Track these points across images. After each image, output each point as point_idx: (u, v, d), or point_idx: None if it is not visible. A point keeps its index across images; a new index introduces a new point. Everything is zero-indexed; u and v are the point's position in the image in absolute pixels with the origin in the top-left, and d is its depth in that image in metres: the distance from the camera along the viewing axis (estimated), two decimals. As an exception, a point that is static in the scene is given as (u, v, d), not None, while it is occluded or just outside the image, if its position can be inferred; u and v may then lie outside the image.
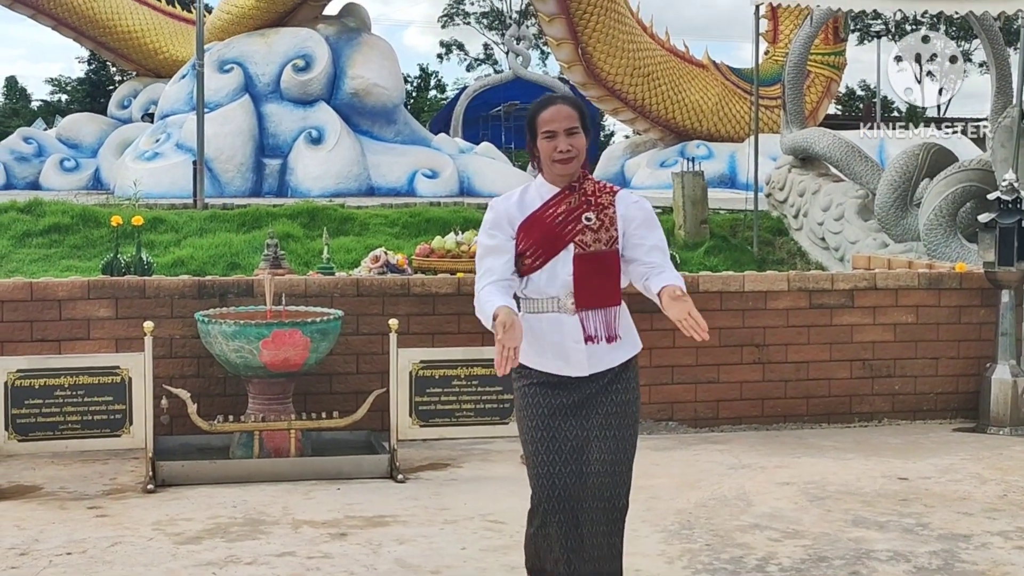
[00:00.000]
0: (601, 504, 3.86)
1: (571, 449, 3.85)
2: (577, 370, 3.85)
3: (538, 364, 3.87)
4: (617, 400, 3.91)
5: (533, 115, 3.90)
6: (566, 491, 3.84)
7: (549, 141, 3.84)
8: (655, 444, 7.62)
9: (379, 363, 7.23)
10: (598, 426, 3.87)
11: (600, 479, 3.86)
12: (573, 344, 3.83)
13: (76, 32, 31.11)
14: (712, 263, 14.13)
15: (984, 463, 7.18)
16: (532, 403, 3.88)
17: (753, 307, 8.19)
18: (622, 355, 3.94)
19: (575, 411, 3.86)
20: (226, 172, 22.77)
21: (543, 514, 3.86)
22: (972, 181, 11.67)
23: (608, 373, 3.89)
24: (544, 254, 3.83)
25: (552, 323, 3.84)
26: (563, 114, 3.85)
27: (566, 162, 3.85)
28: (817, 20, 15.95)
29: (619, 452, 3.90)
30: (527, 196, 3.93)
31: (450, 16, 63.90)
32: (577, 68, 26.90)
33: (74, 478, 6.59)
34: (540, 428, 3.86)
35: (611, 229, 3.89)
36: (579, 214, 3.86)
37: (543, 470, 3.85)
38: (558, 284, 3.83)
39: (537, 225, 3.85)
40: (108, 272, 7.92)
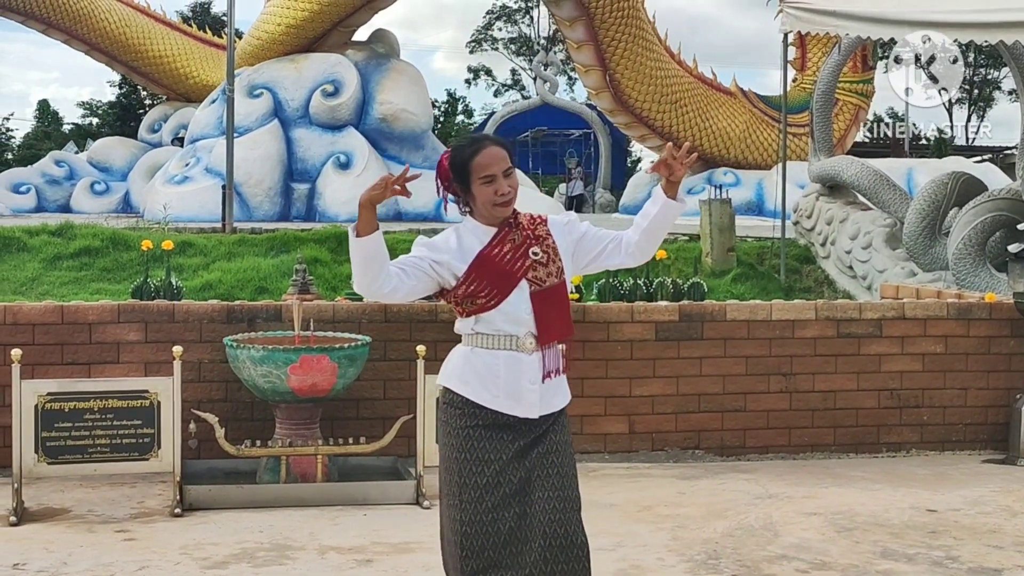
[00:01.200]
0: (557, 542, 3.70)
1: (514, 492, 3.73)
2: (528, 411, 3.77)
3: (487, 402, 3.77)
4: (555, 440, 3.83)
5: (466, 160, 3.79)
6: (511, 535, 3.71)
7: (489, 185, 3.76)
8: (681, 472, 7.60)
9: (406, 389, 7.24)
10: (539, 465, 3.77)
11: (548, 516, 3.72)
12: (528, 385, 3.76)
13: (108, 56, 31.38)
14: (739, 291, 14.09)
15: (1014, 495, 7.12)
16: (478, 449, 3.76)
17: (781, 336, 8.16)
18: (562, 399, 3.89)
19: (519, 453, 3.76)
20: (255, 196, 22.87)
21: (484, 560, 3.71)
22: (1002, 210, 11.61)
23: (550, 418, 3.83)
24: (498, 294, 3.76)
25: (509, 362, 3.77)
26: (498, 156, 3.78)
27: (507, 205, 3.80)
28: (845, 48, 15.93)
29: (564, 488, 3.78)
30: (464, 240, 3.83)
31: (478, 41, 64.18)
32: (605, 95, 26.93)
33: (102, 501, 6.63)
34: (485, 475, 3.74)
35: (556, 260, 3.85)
36: (525, 249, 3.81)
37: (485, 517, 3.71)
38: (516, 323, 3.76)
39: (487, 265, 3.77)
40: (138, 296, 7.96)
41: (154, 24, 31.35)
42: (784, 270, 15.26)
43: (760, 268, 15.61)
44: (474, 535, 3.72)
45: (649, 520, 6.36)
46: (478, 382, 3.78)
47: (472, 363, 3.80)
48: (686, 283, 9.14)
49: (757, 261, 15.93)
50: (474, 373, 3.79)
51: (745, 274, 15.16)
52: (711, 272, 14.99)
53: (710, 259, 15.54)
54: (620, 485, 7.14)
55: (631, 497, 6.84)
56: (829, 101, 16.63)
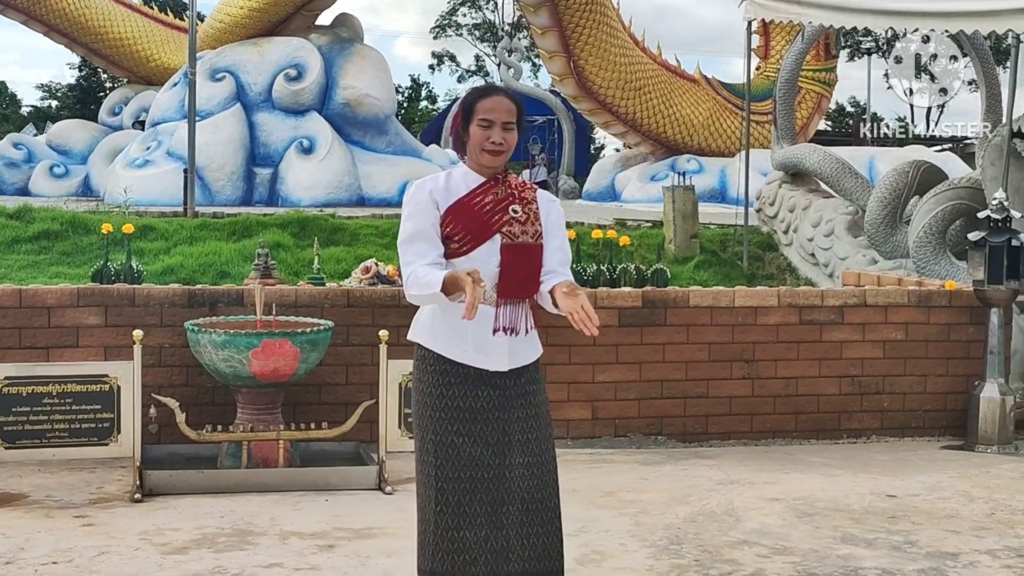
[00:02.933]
0: (533, 505, 3.79)
1: (492, 453, 3.77)
2: (497, 364, 3.80)
3: (458, 356, 3.79)
4: (534, 401, 3.87)
5: (473, 100, 3.85)
6: (488, 495, 3.75)
7: (484, 129, 3.80)
8: (644, 458, 7.62)
9: (369, 374, 7.22)
10: (519, 429, 3.81)
11: (526, 481, 3.79)
12: (493, 337, 3.78)
13: (68, 38, 31.06)
14: (702, 278, 14.13)
15: (972, 481, 7.19)
16: (452, 407, 3.78)
17: (743, 322, 8.19)
18: (533, 352, 3.91)
19: (495, 413, 3.79)
20: (217, 181, 22.74)
21: (458, 517, 3.75)
22: (962, 199, 11.69)
23: (523, 372, 3.85)
24: (472, 240, 3.79)
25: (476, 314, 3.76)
26: (504, 106, 3.82)
27: (496, 154, 3.82)
28: (809, 36, 15.98)
29: (542, 452, 3.84)
30: (451, 181, 3.86)
31: (442, 27, 63.95)
32: (569, 81, 26.92)
33: (61, 486, 6.56)
34: (461, 432, 3.76)
35: (536, 223, 3.87)
36: (506, 205, 3.83)
37: (463, 474, 3.75)
38: (485, 276, 3.72)
39: (466, 210, 3.80)
40: (98, 280, 7.87)
41: (115, 6, 31.04)
42: (747, 257, 15.32)
43: (723, 255, 15.66)
44: (451, 491, 3.75)
45: (611, 506, 6.37)
46: (447, 336, 3.79)
47: (440, 318, 3.81)
48: (649, 269, 9.16)
49: (720, 248, 15.99)
50: (443, 327, 3.80)
51: (708, 261, 15.22)
52: (674, 259, 15.03)
53: (673, 246, 15.58)
54: (583, 471, 7.15)
55: (593, 483, 6.85)
56: (792, 89, 16.69)
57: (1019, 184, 11.15)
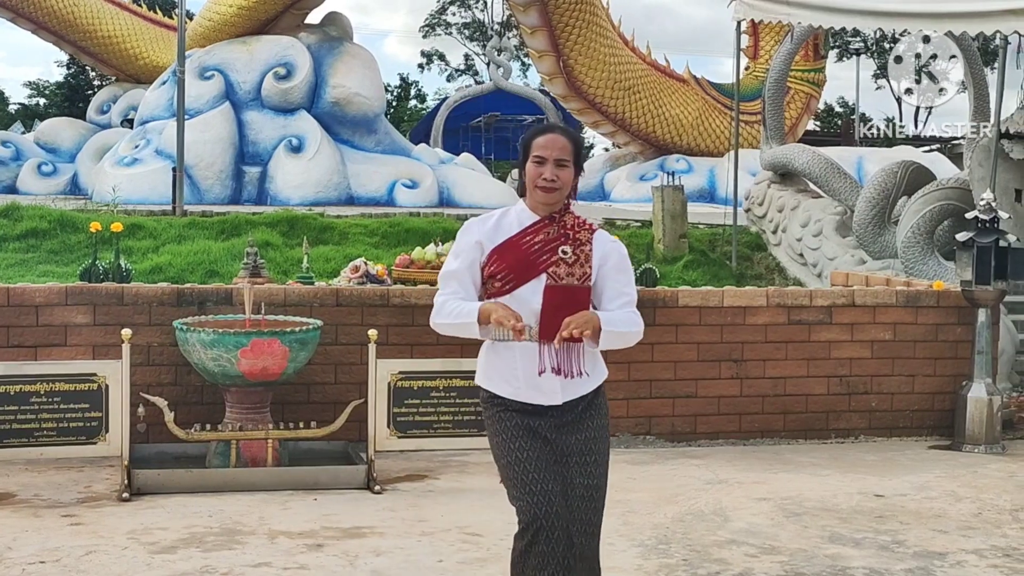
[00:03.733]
0: (584, 528, 3.85)
1: (556, 472, 3.81)
2: (551, 399, 3.81)
3: (511, 394, 3.82)
4: (593, 425, 3.90)
5: (529, 139, 3.88)
6: (560, 508, 3.79)
7: (537, 166, 3.81)
8: (632, 458, 7.63)
9: (358, 373, 7.21)
10: (577, 451, 3.85)
11: (583, 503, 3.85)
12: (546, 373, 3.79)
13: (56, 36, 30.97)
14: (691, 277, 14.16)
15: (959, 481, 7.22)
16: (510, 425, 3.82)
17: (732, 322, 8.21)
18: (592, 383, 3.92)
19: (555, 435, 3.82)
20: (205, 179, 22.69)
21: (535, 531, 3.76)
22: (950, 200, 11.74)
23: (581, 401, 3.87)
24: (515, 280, 3.79)
25: (524, 352, 3.79)
26: (558, 144, 3.82)
27: (548, 191, 3.82)
28: (798, 37, 16.01)
29: (599, 478, 3.90)
30: (505, 220, 3.89)
31: (431, 26, 63.89)
32: (558, 80, 26.94)
33: (48, 486, 6.55)
34: (524, 448, 3.80)
35: (585, 266, 3.85)
36: (556, 246, 3.82)
37: (536, 487, 3.77)
38: (529, 314, 3.76)
39: (512, 250, 3.81)
40: (86, 278, 7.85)
41: (103, 4, 30.95)
42: (735, 257, 15.35)
43: (712, 255, 15.69)
44: (526, 506, 3.78)
45: (600, 505, 6.37)
46: (498, 376, 3.85)
47: (491, 358, 3.87)
48: (638, 269, 9.16)
49: (709, 248, 16.01)
50: (494, 368, 3.85)
51: (697, 261, 15.25)
52: (663, 258, 15.05)
53: (662, 245, 15.61)
54: (571, 470, 7.15)
55: (582, 482, 6.84)
56: (781, 89, 16.73)
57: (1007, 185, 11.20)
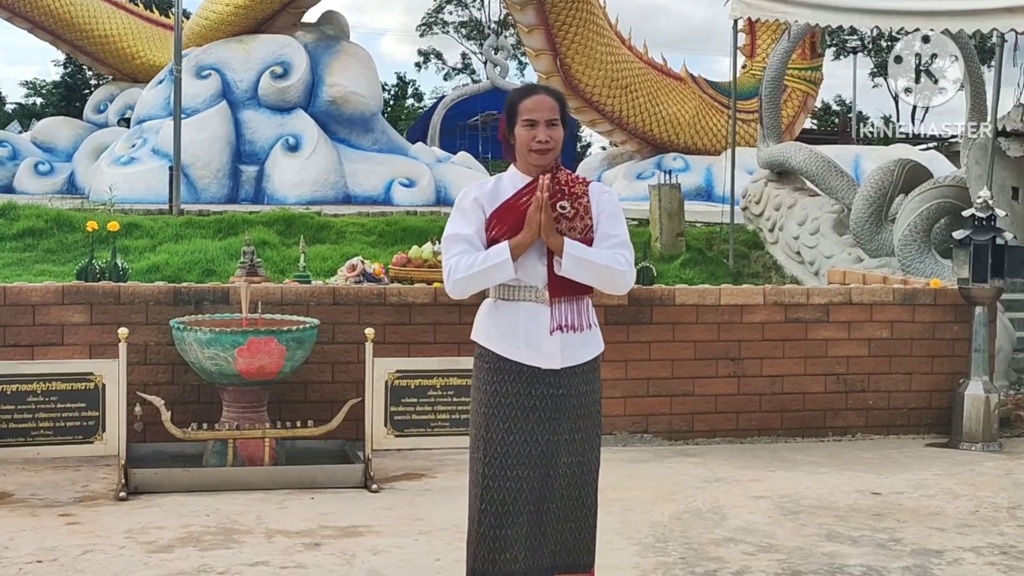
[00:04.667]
0: (569, 503, 3.86)
1: (540, 453, 3.81)
2: (550, 362, 3.82)
3: (511, 354, 3.82)
4: (585, 402, 3.91)
5: (515, 102, 3.85)
6: (532, 494, 3.81)
7: (529, 129, 3.81)
8: (630, 456, 7.63)
9: (355, 372, 7.21)
10: (568, 430, 3.85)
11: (568, 480, 3.86)
12: (547, 335, 3.81)
13: (52, 35, 30.92)
14: (688, 276, 14.15)
15: (956, 479, 7.22)
16: (505, 405, 3.83)
17: (729, 320, 8.21)
18: (590, 351, 3.93)
19: (547, 412, 3.82)
20: (202, 178, 22.67)
21: (501, 516, 3.79)
22: (947, 198, 11.75)
23: (578, 371, 3.87)
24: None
25: (528, 312, 3.81)
26: (546, 104, 3.82)
27: (543, 152, 3.83)
28: (795, 35, 16.02)
29: (587, 453, 3.91)
30: (501, 185, 3.90)
31: (428, 25, 63.87)
32: (555, 79, 26.88)
33: (45, 485, 6.54)
34: (512, 430, 3.81)
35: (585, 218, 3.87)
36: (554, 202, 3.82)
37: (510, 472, 3.80)
38: (534, 273, 3.79)
39: (511, 212, 3.82)
40: (83, 277, 7.85)
41: (100, 3, 30.91)
42: (733, 255, 15.35)
43: (709, 253, 15.69)
44: (496, 488, 3.79)
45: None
46: (499, 334, 3.83)
47: (494, 315, 3.86)
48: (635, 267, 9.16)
49: (706, 246, 16.01)
50: (495, 325, 3.85)
51: (694, 259, 15.24)
52: (660, 257, 15.05)
53: (659, 244, 15.61)
54: (569, 469, 7.15)
55: (579, 481, 6.84)
56: (778, 88, 16.74)
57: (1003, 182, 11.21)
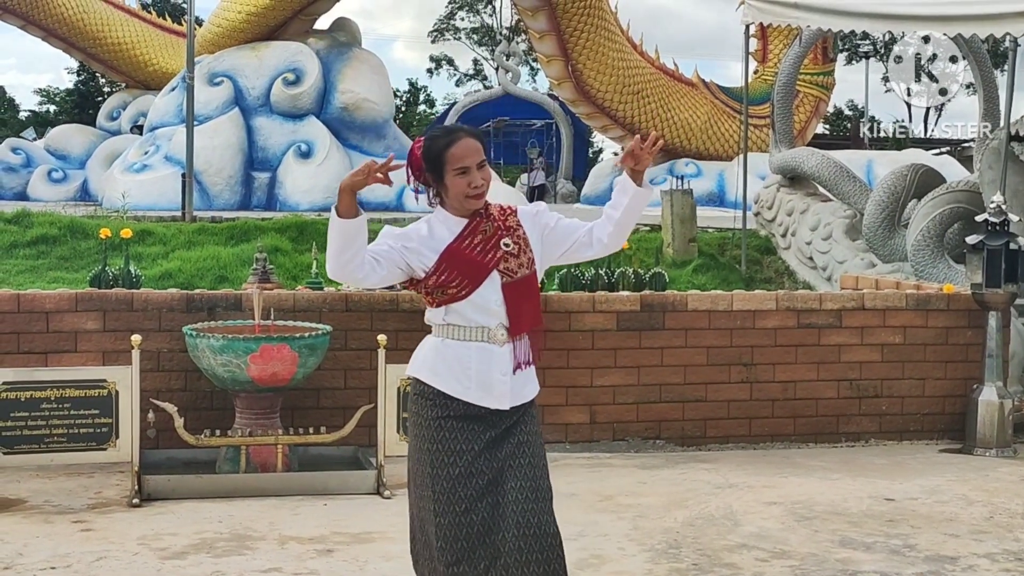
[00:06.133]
0: (530, 531, 3.70)
1: (487, 483, 3.72)
2: (500, 402, 3.75)
3: (460, 393, 3.74)
4: (526, 431, 3.82)
5: (440, 150, 3.76)
6: (484, 526, 3.70)
7: (463, 177, 3.74)
8: (643, 462, 7.62)
9: (367, 378, 7.22)
10: (510, 455, 3.76)
11: (521, 505, 3.72)
12: (500, 376, 3.75)
13: (66, 43, 31.09)
14: (700, 281, 14.14)
15: (970, 484, 7.19)
16: (450, 440, 3.73)
17: (741, 326, 8.19)
18: (532, 389, 3.88)
19: (491, 449, 3.74)
20: (215, 185, 22.75)
21: (458, 552, 3.69)
22: (960, 202, 11.71)
23: (520, 409, 3.81)
24: (470, 284, 3.74)
25: (481, 353, 3.75)
26: (473, 149, 3.76)
27: (479, 197, 3.78)
28: (806, 40, 16.02)
29: (536, 478, 3.78)
30: (435, 230, 3.81)
31: (440, 31, 63.97)
32: (567, 85, 26.95)
33: (59, 492, 6.56)
34: (457, 466, 3.71)
35: (527, 251, 3.83)
36: (496, 241, 3.79)
37: (459, 507, 3.69)
38: (487, 314, 3.74)
39: (457, 256, 3.75)
40: (96, 284, 7.88)
41: (113, 11, 31.08)
42: (745, 261, 15.34)
43: (721, 259, 15.68)
44: (448, 525, 3.70)
45: (610, 510, 6.37)
46: (448, 373, 3.76)
47: (443, 354, 3.78)
48: (647, 273, 9.17)
49: (718, 252, 16.00)
50: (444, 364, 3.77)
51: (706, 264, 15.23)
52: (672, 262, 15.04)
53: (671, 249, 15.60)
54: (581, 475, 7.15)
55: (592, 487, 6.85)
56: (790, 93, 16.72)
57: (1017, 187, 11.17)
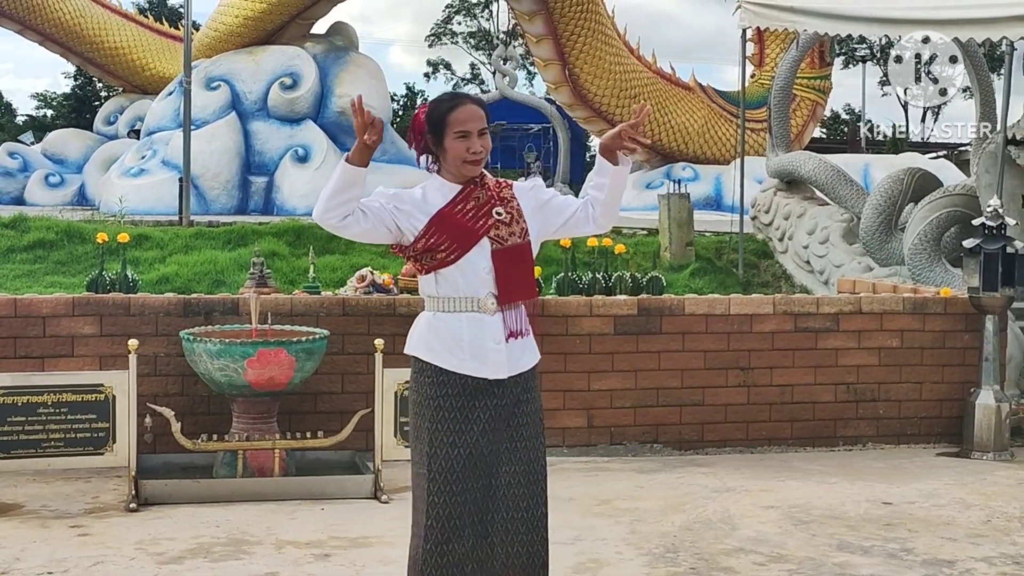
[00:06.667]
0: (519, 515, 3.78)
1: (484, 464, 3.76)
2: (495, 372, 3.77)
3: (455, 366, 3.76)
4: (527, 410, 3.85)
5: (444, 113, 3.79)
6: (476, 505, 3.75)
7: (462, 141, 3.77)
8: (640, 466, 7.62)
9: (364, 383, 7.21)
10: (509, 438, 3.80)
11: (513, 490, 3.78)
12: (493, 345, 3.76)
13: (63, 48, 31.03)
14: (697, 285, 14.14)
15: (968, 488, 7.19)
16: (449, 419, 3.76)
17: (739, 330, 8.19)
18: (530, 359, 3.89)
19: (490, 423, 3.77)
20: (212, 189, 22.72)
21: (449, 531, 3.73)
22: (957, 206, 11.72)
23: (520, 380, 3.83)
24: (459, 248, 3.76)
25: (472, 323, 3.77)
26: (476, 115, 3.79)
27: (477, 163, 3.81)
28: (803, 44, 16.01)
29: (532, 462, 3.83)
30: (428, 194, 3.84)
31: (437, 35, 64.00)
32: (564, 89, 26.93)
33: (56, 496, 6.55)
34: (457, 445, 3.74)
35: (520, 221, 3.85)
36: (488, 209, 3.81)
37: (455, 487, 3.73)
38: (477, 282, 3.76)
39: (448, 220, 3.77)
40: (93, 289, 7.88)
41: (110, 15, 31.03)
42: (742, 264, 15.33)
43: (718, 262, 15.67)
44: (441, 504, 3.73)
45: (607, 514, 6.37)
46: (442, 347, 3.78)
47: (435, 328, 3.81)
48: (644, 277, 9.18)
49: (715, 255, 15.99)
50: (438, 338, 3.79)
51: (703, 268, 15.22)
52: (669, 266, 15.03)
53: (668, 253, 15.59)
54: (578, 479, 7.15)
55: (589, 491, 6.85)
56: (787, 97, 16.71)
57: (1014, 191, 11.17)
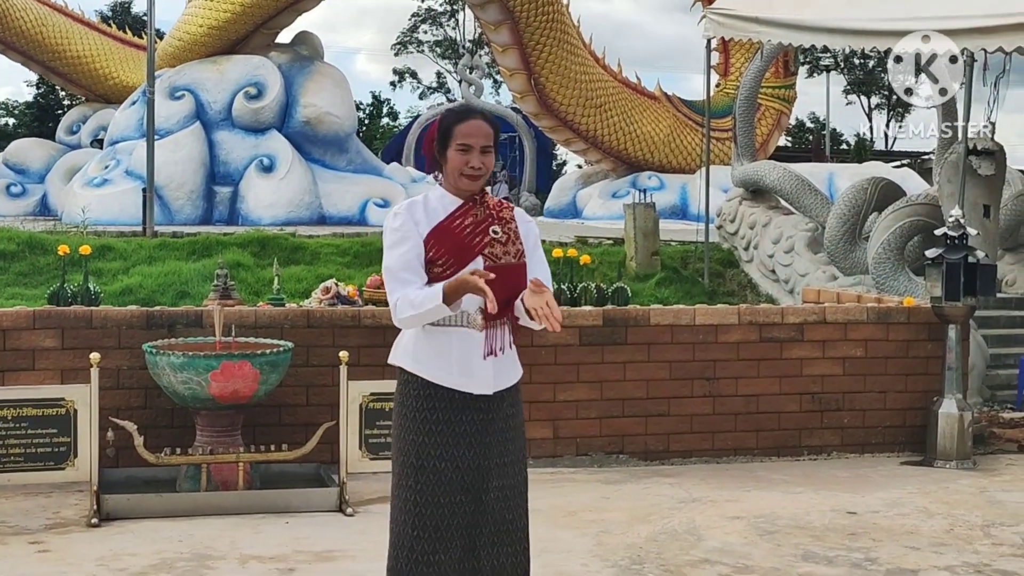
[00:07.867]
0: (502, 527, 3.84)
1: (472, 478, 3.79)
2: (482, 387, 3.80)
3: (443, 380, 3.78)
4: (512, 424, 3.90)
5: (451, 124, 3.82)
6: (465, 519, 3.78)
7: (463, 154, 3.79)
8: (606, 477, 7.62)
9: (329, 395, 7.18)
10: (497, 453, 3.83)
11: (500, 504, 3.84)
12: (480, 361, 3.79)
13: (24, 56, 30.79)
14: (663, 295, 14.17)
15: (931, 497, 7.24)
16: (436, 432, 3.78)
17: (704, 340, 8.21)
18: (515, 374, 3.94)
19: (477, 437, 3.79)
20: (176, 200, 22.59)
21: (435, 541, 3.76)
22: (920, 216, 11.81)
23: (505, 395, 3.87)
24: (455, 264, 3.78)
25: (461, 339, 3.78)
26: (483, 131, 3.81)
27: (475, 179, 3.82)
28: (768, 54, 16.11)
29: (516, 476, 3.89)
30: (429, 205, 3.85)
31: (403, 44, 63.91)
32: (530, 98, 26.98)
33: (16, 512, 6.47)
34: (443, 457, 3.77)
35: (516, 242, 3.89)
36: (486, 227, 3.84)
37: (443, 499, 3.76)
38: (467, 298, 3.75)
39: (447, 234, 3.80)
40: (54, 302, 7.81)
41: (72, 23, 30.81)
42: (708, 274, 15.38)
43: (684, 272, 15.72)
44: (429, 515, 3.76)
45: (573, 526, 6.36)
46: (430, 360, 3.79)
47: (423, 341, 3.81)
48: (610, 288, 9.18)
49: (681, 265, 16.04)
50: (425, 352, 3.80)
51: (669, 278, 15.27)
52: (635, 276, 15.07)
53: (634, 263, 15.62)
54: (544, 490, 7.13)
55: (555, 503, 6.84)
56: (752, 106, 16.82)
57: (975, 201, 11.28)
